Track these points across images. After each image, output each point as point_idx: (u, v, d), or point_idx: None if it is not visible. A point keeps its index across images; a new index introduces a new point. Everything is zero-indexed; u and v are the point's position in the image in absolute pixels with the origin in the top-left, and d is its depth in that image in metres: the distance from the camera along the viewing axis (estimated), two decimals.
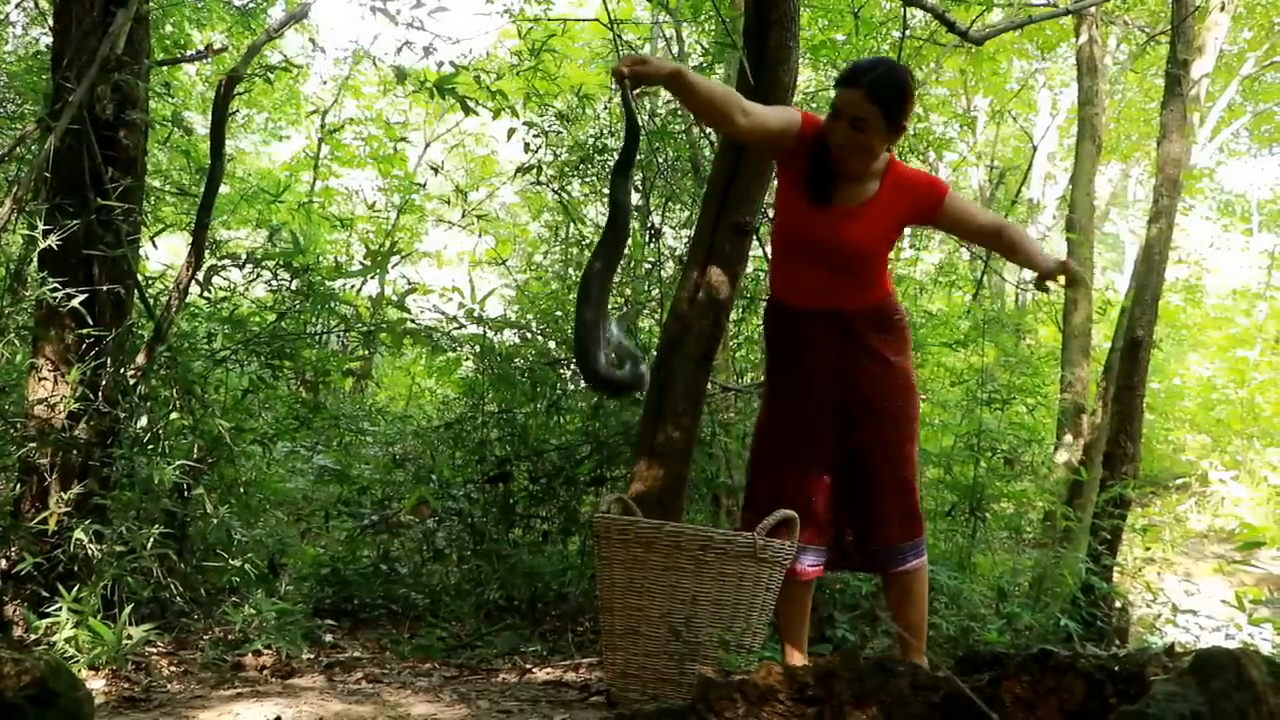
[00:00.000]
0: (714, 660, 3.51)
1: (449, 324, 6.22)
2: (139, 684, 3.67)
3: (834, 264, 3.37)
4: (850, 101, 3.15)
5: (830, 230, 3.32)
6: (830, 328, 3.39)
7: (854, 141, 3.18)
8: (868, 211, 3.32)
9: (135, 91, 4.47)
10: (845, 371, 3.41)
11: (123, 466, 4.36)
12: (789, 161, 3.40)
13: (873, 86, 3.14)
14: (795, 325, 3.47)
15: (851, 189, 3.32)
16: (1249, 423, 14.00)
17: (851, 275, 3.39)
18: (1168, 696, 1.44)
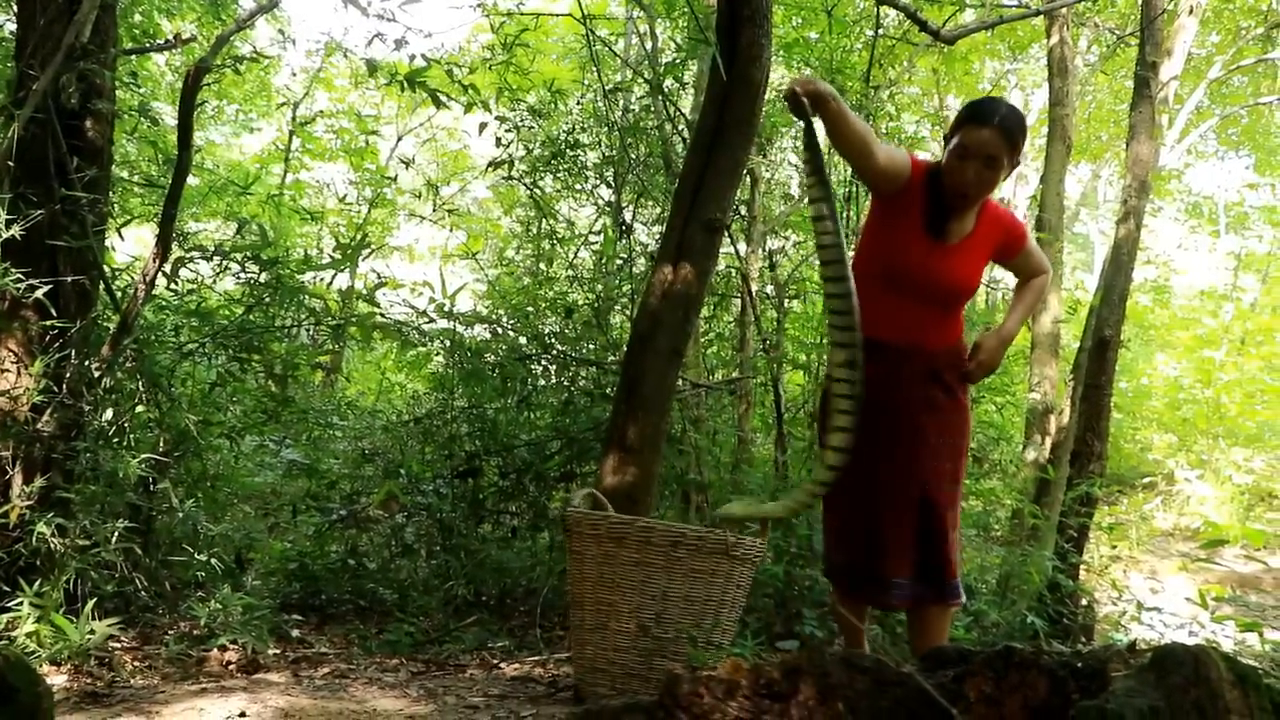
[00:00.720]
0: (682, 656, 3.51)
1: (419, 319, 6.20)
2: (102, 679, 3.64)
3: (933, 298, 3.40)
4: (984, 141, 3.20)
5: (939, 265, 3.35)
6: (914, 362, 3.41)
7: (983, 179, 3.24)
8: (968, 247, 3.38)
9: (101, 80, 4.42)
10: (930, 408, 3.43)
11: (87, 460, 4.31)
12: (898, 199, 3.40)
13: (1004, 125, 3.20)
14: (889, 360, 3.41)
15: (960, 224, 3.37)
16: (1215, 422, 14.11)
17: (946, 310, 3.44)
18: (1126, 692, 1.45)
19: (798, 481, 5.91)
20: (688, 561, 3.60)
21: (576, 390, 6.31)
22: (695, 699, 1.95)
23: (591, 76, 7.24)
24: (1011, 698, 1.75)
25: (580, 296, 7.04)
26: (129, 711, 3.14)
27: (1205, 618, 5.31)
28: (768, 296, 7.48)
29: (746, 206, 7.39)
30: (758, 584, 4.96)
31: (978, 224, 3.37)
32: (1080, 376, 7.09)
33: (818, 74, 7.70)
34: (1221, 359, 14.67)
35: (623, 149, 6.84)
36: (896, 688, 1.84)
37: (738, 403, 7.19)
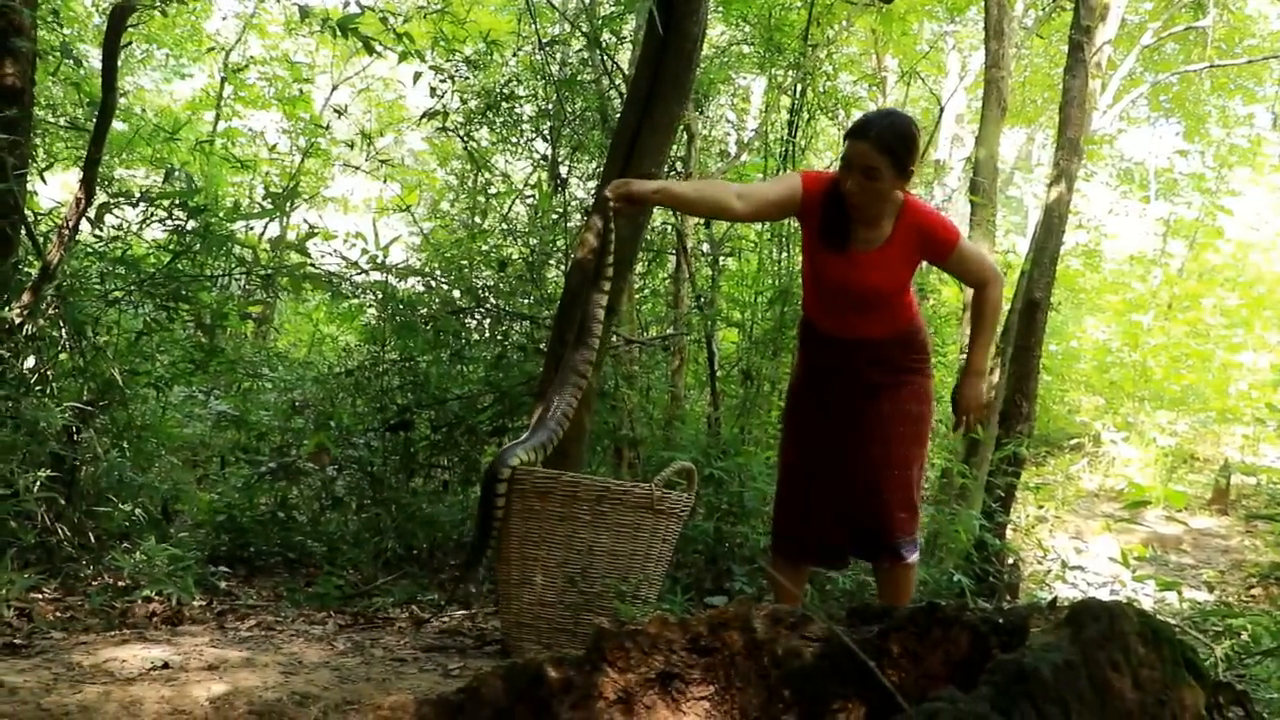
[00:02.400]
0: (609, 611, 3.52)
1: (351, 270, 6.13)
2: (20, 630, 3.58)
3: (856, 304, 3.53)
4: (860, 153, 3.32)
5: (849, 274, 3.47)
6: (855, 351, 3.56)
7: (866, 190, 3.35)
8: (883, 254, 3.46)
9: (19, 18, 4.30)
10: (865, 389, 3.57)
11: (7, 408, 4.23)
12: (805, 219, 3.55)
13: (880, 138, 3.32)
14: (822, 345, 3.65)
15: (868, 233, 3.46)
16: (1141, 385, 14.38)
17: (876, 309, 3.55)
18: (1043, 646, 1.47)
19: (730, 438, 5.94)
20: (613, 516, 3.61)
21: (510, 345, 6.28)
22: (622, 653, 1.96)
23: (528, 28, 7.16)
24: (934, 653, 1.77)
25: (515, 250, 6.99)
26: (49, 663, 3.10)
27: (1127, 577, 5.44)
28: (703, 254, 7.47)
29: (682, 162, 7.36)
30: (688, 540, 4.99)
31: (895, 230, 3.46)
32: (1010, 338, 7.19)
33: (756, 32, 7.68)
34: (1149, 323, 14.93)
35: (559, 102, 6.78)
36: (823, 642, 1.86)
37: (671, 359, 7.19)
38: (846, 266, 3.48)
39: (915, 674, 1.78)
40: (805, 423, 3.71)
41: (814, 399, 3.69)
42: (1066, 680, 1.41)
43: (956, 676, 1.71)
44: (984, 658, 1.68)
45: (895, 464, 3.58)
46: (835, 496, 3.62)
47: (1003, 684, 1.41)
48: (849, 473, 3.59)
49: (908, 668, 1.79)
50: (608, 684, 1.94)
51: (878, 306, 3.55)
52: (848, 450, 3.59)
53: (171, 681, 2.90)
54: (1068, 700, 1.39)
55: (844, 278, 3.49)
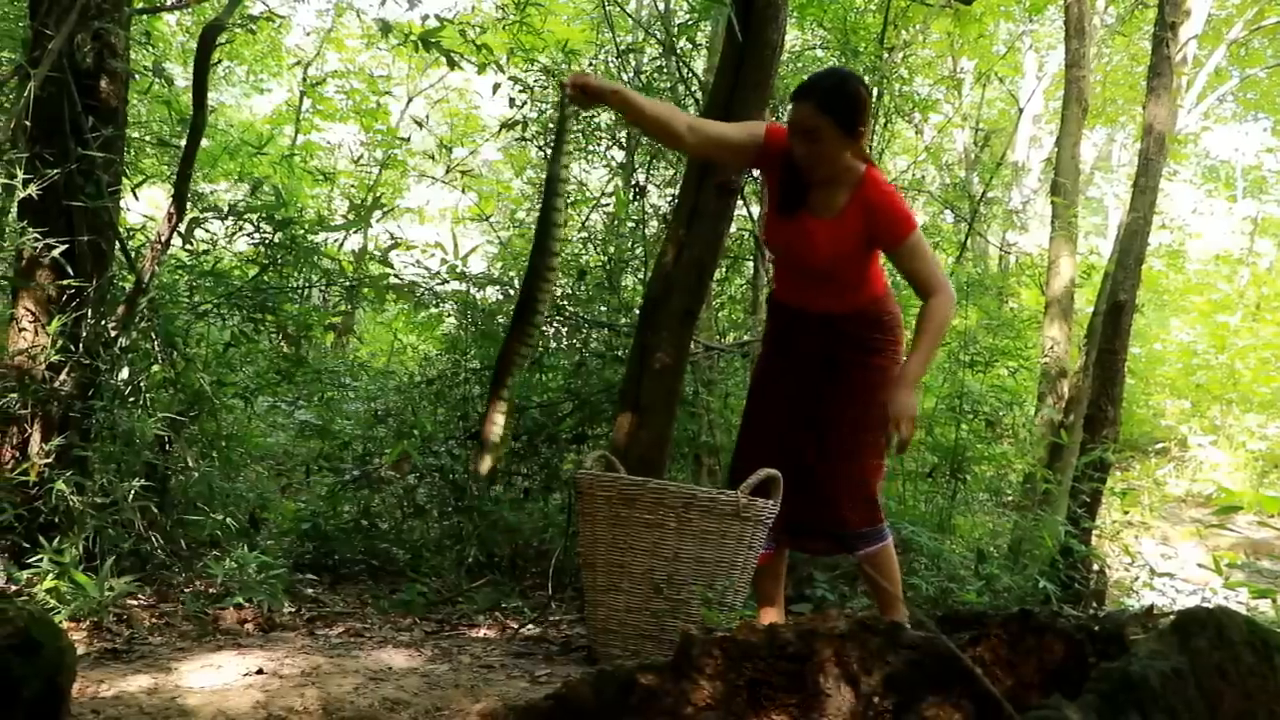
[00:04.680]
0: (695, 617, 3.53)
1: (432, 279, 6.20)
2: (120, 636, 3.67)
3: (807, 271, 3.46)
4: (803, 115, 3.25)
5: (797, 239, 3.41)
6: (816, 326, 3.49)
7: (811, 153, 3.27)
8: (834, 224, 3.36)
9: (116, 39, 4.41)
10: (827, 365, 3.50)
11: (103, 419, 4.34)
12: (765, 174, 3.51)
13: (823, 99, 3.24)
14: (788, 319, 3.58)
15: (824, 198, 3.36)
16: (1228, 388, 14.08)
17: (829, 281, 3.46)
18: (1150, 654, 1.45)
19: None
20: (699, 523, 3.61)
21: (589, 352, 6.31)
22: (710, 660, 1.96)
23: (604, 37, 7.19)
24: (1027, 661, 1.75)
25: (593, 259, 7.02)
26: (149, 668, 3.17)
27: (1217, 584, 5.32)
28: None
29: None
30: None
31: (849, 202, 3.35)
32: (1094, 341, 7.08)
33: (832, 36, 7.65)
34: (1236, 324, 14.62)
35: None
36: (912, 649, 1.85)
37: (749, 365, 7.18)
38: (796, 231, 3.39)
39: (1009, 681, 1.77)
40: (763, 393, 3.65)
41: (775, 372, 3.62)
42: (1175, 689, 1.39)
43: (1051, 685, 1.70)
44: (1080, 666, 1.66)
45: (845, 454, 3.52)
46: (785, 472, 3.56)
47: (1109, 692, 1.39)
48: (798, 451, 3.55)
49: (1001, 676, 1.78)
50: (697, 691, 1.95)
51: (831, 278, 3.44)
52: (801, 428, 3.54)
53: (266, 688, 2.96)
54: (1176, 709, 1.37)
55: (791, 243, 3.42)
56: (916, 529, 5.54)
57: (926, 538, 5.46)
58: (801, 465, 3.57)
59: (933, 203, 10.78)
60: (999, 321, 7.07)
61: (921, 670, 1.82)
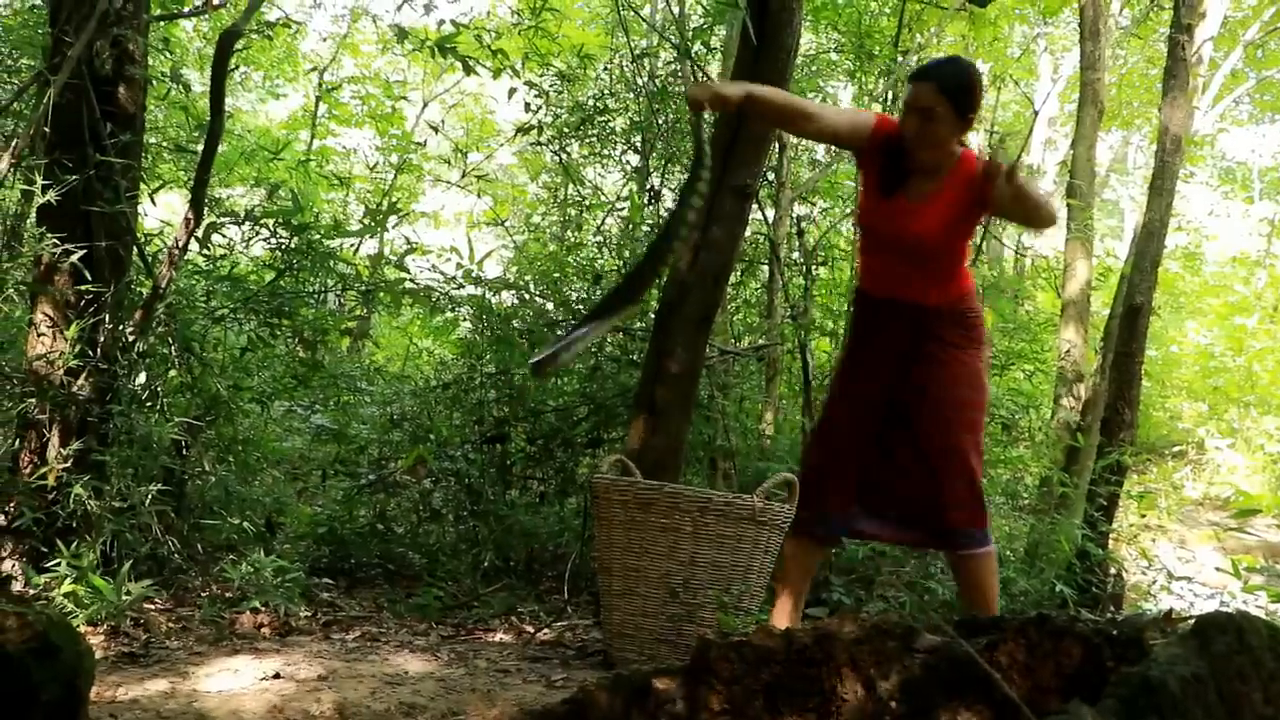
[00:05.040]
0: (711, 622, 3.53)
1: (447, 284, 6.21)
2: (138, 640, 3.68)
3: (904, 255, 3.44)
4: (920, 94, 3.29)
5: (897, 222, 3.39)
6: (905, 316, 3.44)
7: (924, 132, 3.29)
8: (932, 204, 3.37)
9: (134, 46, 4.43)
10: (911, 358, 3.45)
11: (121, 423, 4.35)
12: (864, 159, 3.51)
13: (942, 80, 3.29)
14: (873, 311, 3.54)
15: (922, 183, 3.38)
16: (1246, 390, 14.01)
17: (923, 266, 3.44)
18: (1169, 659, 1.45)
19: None
20: (715, 527, 3.61)
21: (604, 356, 6.31)
22: (727, 665, 1.96)
23: (619, 41, 7.20)
24: (1045, 665, 1.75)
25: (608, 263, 7.03)
26: (166, 672, 3.18)
27: (1236, 587, 5.29)
28: (795, 263, 7.45)
29: (774, 173, 7.36)
30: None
31: (948, 179, 3.36)
32: (1111, 344, 7.06)
33: (846, 40, 7.65)
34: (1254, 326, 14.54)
35: (650, 114, 6.81)
36: (930, 654, 1.84)
37: (765, 369, 7.18)
38: (895, 214, 3.39)
39: (1027, 686, 1.76)
40: (851, 392, 3.57)
41: (861, 367, 3.56)
42: (1195, 694, 1.38)
43: (1069, 689, 1.69)
44: (1098, 670, 1.66)
45: (945, 451, 3.43)
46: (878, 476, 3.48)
47: (1129, 697, 1.39)
48: (898, 453, 3.47)
49: (1018, 680, 1.77)
50: (713, 696, 1.95)
51: (926, 262, 3.43)
52: (894, 425, 3.47)
53: (282, 692, 2.96)
54: (1196, 714, 1.36)
55: (891, 226, 3.41)
56: None
57: None
58: (895, 464, 3.49)
59: None
60: (1015, 324, 7.05)
61: (938, 675, 1.81)
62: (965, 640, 1.87)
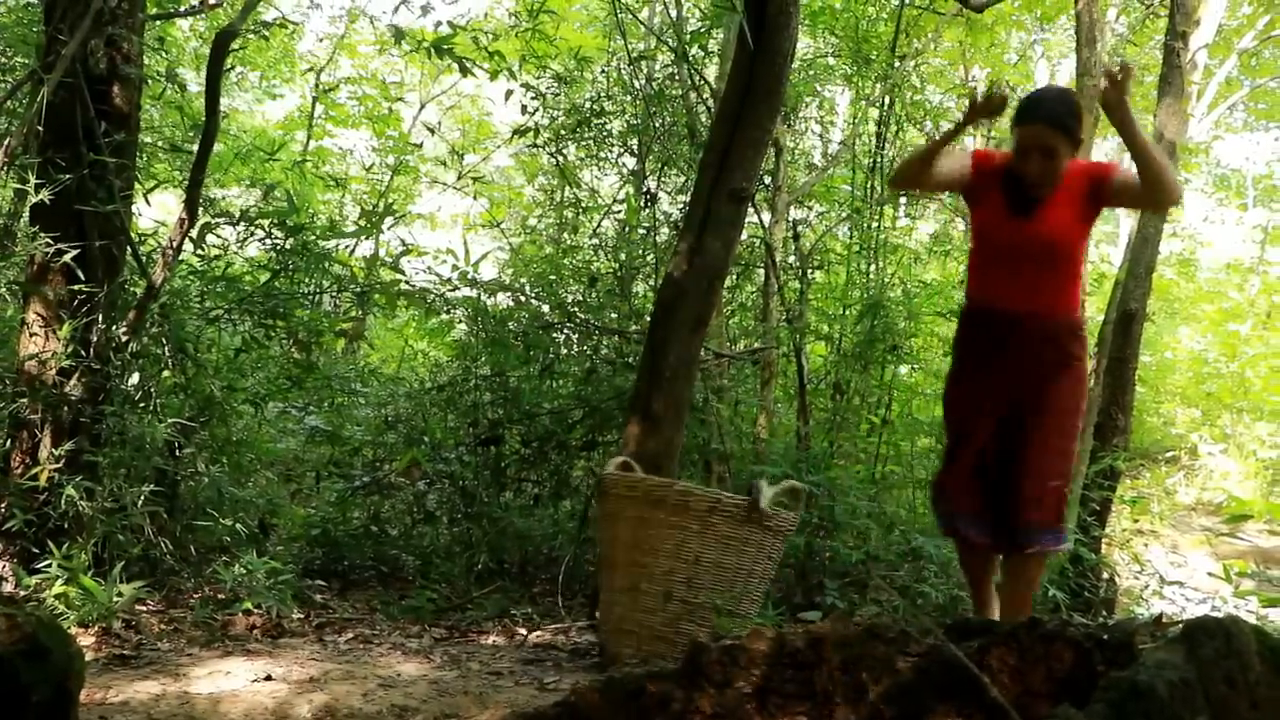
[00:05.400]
0: (709, 623, 3.53)
1: (443, 286, 6.20)
2: (129, 642, 3.68)
3: (1042, 257, 3.51)
4: (1035, 135, 3.38)
5: (1027, 230, 3.48)
6: (1028, 327, 3.51)
7: (1046, 169, 3.40)
8: (1051, 206, 3.47)
9: (129, 45, 4.42)
10: (1036, 371, 3.52)
11: (114, 424, 4.34)
12: (976, 193, 3.60)
13: (1049, 116, 3.39)
14: (995, 324, 3.58)
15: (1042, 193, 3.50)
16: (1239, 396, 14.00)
17: (1051, 272, 3.52)
18: (1157, 664, 1.45)
19: (820, 452, 5.90)
20: (722, 528, 3.61)
21: (599, 359, 6.31)
22: (719, 668, 1.96)
23: (616, 44, 7.20)
24: (1036, 669, 1.75)
25: (604, 265, 7.03)
26: (157, 674, 3.18)
27: (1227, 592, 5.30)
28: (791, 267, 7.45)
29: (771, 176, 7.35)
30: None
31: (1065, 185, 3.46)
32: (1105, 350, 7.05)
33: (843, 44, 7.64)
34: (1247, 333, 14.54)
35: (647, 117, 6.81)
36: (921, 657, 1.84)
37: (760, 372, 7.17)
38: (1030, 225, 3.48)
39: (1017, 690, 1.76)
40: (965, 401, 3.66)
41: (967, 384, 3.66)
42: (1183, 698, 1.38)
43: (1060, 693, 1.69)
44: (1089, 674, 1.66)
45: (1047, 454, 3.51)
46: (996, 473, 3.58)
47: (1118, 701, 1.39)
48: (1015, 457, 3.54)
49: (1009, 684, 1.77)
50: (704, 698, 1.95)
51: (1054, 266, 3.51)
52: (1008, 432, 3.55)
53: (275, 694, 2.96)
54: (1184, 718, 1.36)
55: (1022, 236, 3.49)
56: (926, 537, 5.53)
57: (936, 546, 5.45)
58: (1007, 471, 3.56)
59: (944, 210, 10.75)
60: None
61: (930, 678, 1.81)
62: (957, 644, 1.87)
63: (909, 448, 6.76)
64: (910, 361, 7.08)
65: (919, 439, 6.79)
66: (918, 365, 7.28)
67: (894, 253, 7.45)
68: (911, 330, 6.78)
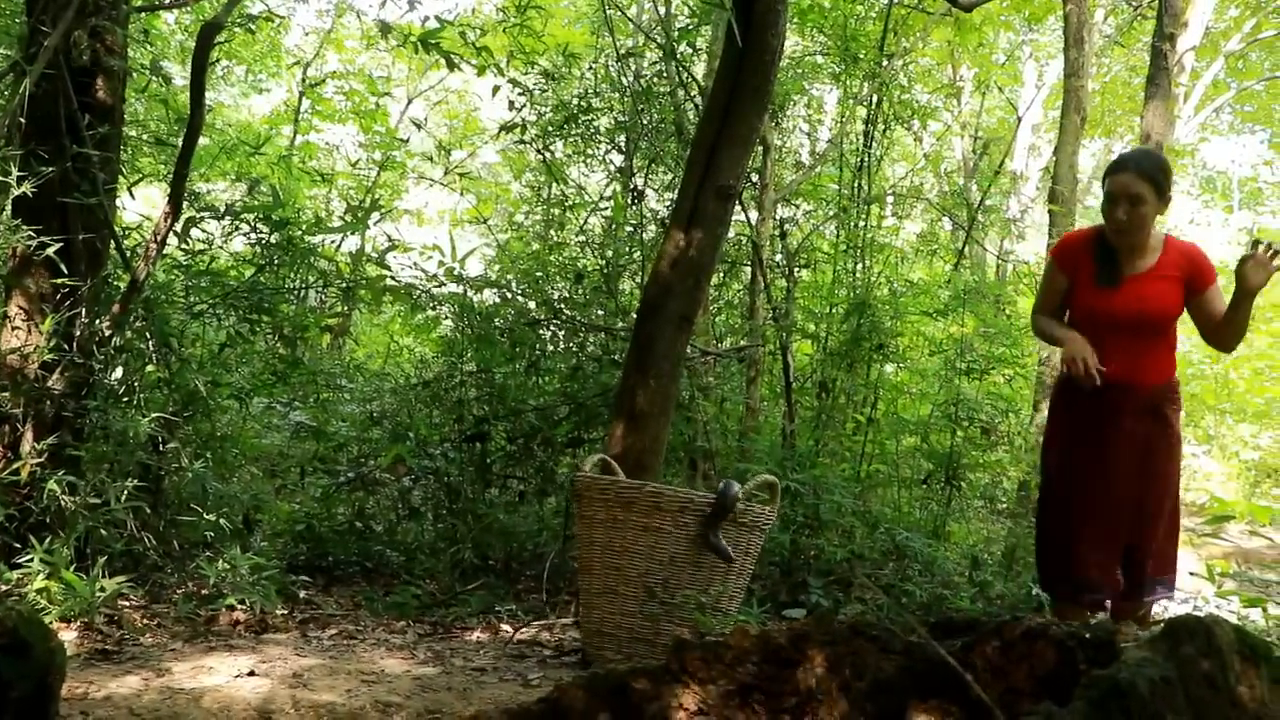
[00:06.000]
0: (690, 622, 3.52)
1: (429, 282, 6.19)
2: (111, 637, 3.66)
3: (1137, 328, 3.69)
4: (1124, 184, 3.61)
5: (1122, 301, 3.68)
6: (1133, 398, 3.67)
7: (1133, 216, 3.61)
8: (1153, 277, 3.67)
9: (113, 37, 4.40)
10: (1145, 438, 3.69)
11: (97, 418, 4.32)
12: (1074, 279, 3.81)
13: (1140, 167, 3.62)
14: (1102, 396, 3.69)
15: (1134, 262, 3.69)
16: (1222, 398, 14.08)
17: (1153, 340, 3.71)
18: (1138, 662, 1.45)
19: (805, 450, 5.90)
20: (695, 528, 3.61)
21: (585, 356, 6.31)
22: (703, 665, 1.96)
23: (604, 41, 7.19)
24: (1019, 667, 1.75)
25: (590, 262, 7.02)
26: (139, 669, 3.16)
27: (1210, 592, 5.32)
28: (778, 265, 7.45)
29: (758, 174, 7.36)
30: (763, 553, 4.97)
31: (1161, 257, 3.68)
32: None
33: (831, 43, 7.65)
34: None
35: (635, 114, 6.80)
36: (905, 655, 1.84)
37: (746, 370, 7.18)
38: (1121, 295, 3.68)
39: (1000, 688, 1.77)
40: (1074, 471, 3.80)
41: (1074, 450, 3.80)
42: (1163, 696, 1.38)
43: (1042, 691, 1.69)
44: (1071, 673, 1.66)
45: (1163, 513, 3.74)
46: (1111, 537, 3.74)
47: (1099, 699, 1.39)
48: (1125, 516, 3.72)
49: (992, 682, 1.77)
50: (689, 695, 1.94)
51: (1153, 334, 3.69)
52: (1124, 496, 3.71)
53: (258, 690, 2.95)
54: (1164, 716, 1.37)
55: (1119, 306, 3.68)
56: (911, 535, 5.54)
57: (921, 544, 5.46)
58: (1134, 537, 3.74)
59: (931, 210, 10.78)
60: (996, 329, 7.06)
61: (913, 676, 1.81)
62: (940, 642, 1.87)
63: (894, 447, 6.78)
64: (896, 360, 7.10)
65: (904, 437, 6.80)
66: (903, 364, 7.29)
67: (881, 251, 7.47)
68: (897, 329, 6.80)
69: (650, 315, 4.51)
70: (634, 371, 4.49)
